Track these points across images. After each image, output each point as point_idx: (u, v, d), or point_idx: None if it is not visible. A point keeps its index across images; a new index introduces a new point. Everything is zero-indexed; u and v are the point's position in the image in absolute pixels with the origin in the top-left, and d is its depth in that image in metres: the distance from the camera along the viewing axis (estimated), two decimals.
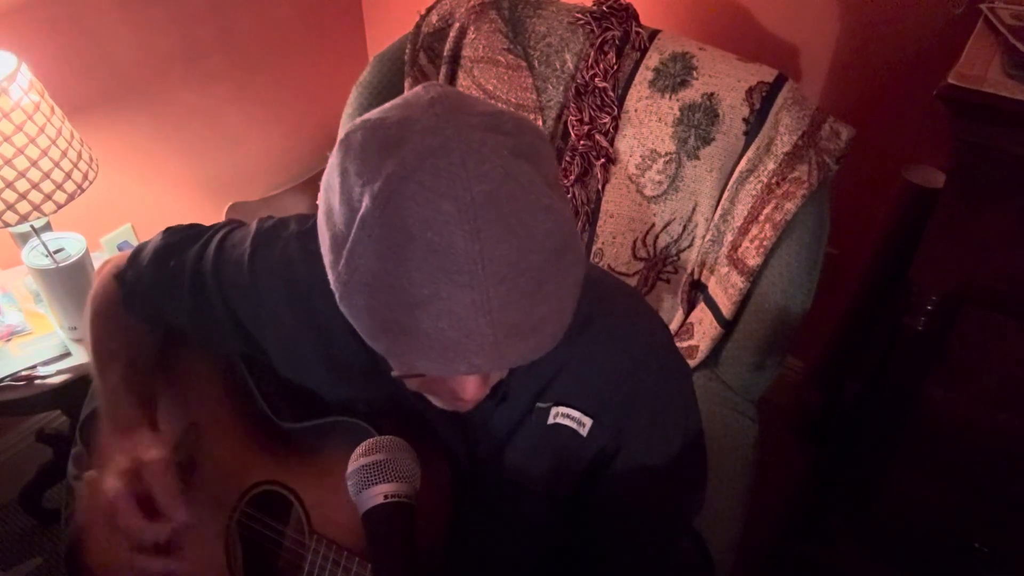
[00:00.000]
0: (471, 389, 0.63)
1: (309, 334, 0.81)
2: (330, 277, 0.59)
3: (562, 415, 0.78)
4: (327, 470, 0.81)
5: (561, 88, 1.39)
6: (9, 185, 1.20)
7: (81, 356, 1.40)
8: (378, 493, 0.69)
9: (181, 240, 0.89)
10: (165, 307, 0.89)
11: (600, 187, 1.38)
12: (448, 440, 0.80)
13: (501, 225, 0.52)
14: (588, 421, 0.77)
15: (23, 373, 1.36)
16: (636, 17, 1.37)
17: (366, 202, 0.53)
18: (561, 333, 0.59)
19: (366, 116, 0.59)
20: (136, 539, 0.76)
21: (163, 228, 0.92)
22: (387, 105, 0.59)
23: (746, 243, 1.24)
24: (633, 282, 1.42)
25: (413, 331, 0.54)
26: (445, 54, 1.46)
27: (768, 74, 1.24)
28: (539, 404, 0.78)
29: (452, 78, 1.47)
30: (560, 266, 0.56)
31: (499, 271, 0.52)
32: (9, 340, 1.42)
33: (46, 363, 1.38)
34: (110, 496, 0.76)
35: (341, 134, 0.59)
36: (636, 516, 0.82)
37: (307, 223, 0.83)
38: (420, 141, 0.53)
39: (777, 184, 1.21)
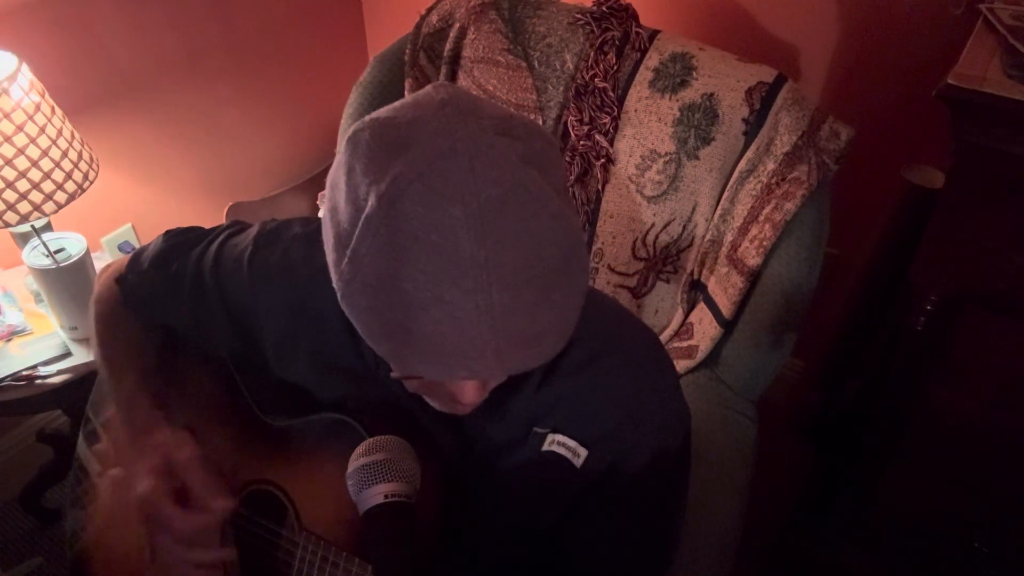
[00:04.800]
0: (470, 393, 0.63)
1: (305, 334, 0.81)
2: (332, 275, 0.58)
3: (558, 443, 0.77)
4: (315, 467, 0.81)
5: (561, 88, 1.39)
6: (10, 185, 1.20)
7: (81, 356, 1.40)
8: (378, 493, 0.69)
9: (182, 243, 0.89)
10: (165, 308, 0.89)
11: (600, 187, 1.38)
12: (440, 442, 0.79)
13: (508, 232, 0.52)
14: (584, 452, 0.76)
15: (24, 373, 1.36)
16: (636, 17, 1.37)
17: (372, 202, 0.52)
18: (563, 342, 0.58)
19: (375, 114, 0.58)
20: (178, 532, 0.77)
21: (164, 229, 0.93)
22: (396, 104, 0.58)
23: (746, 243, 1.24)
24: (633, 282, 1.42)
25: (414, 334, 0.53)
26: (445, 54, 1.46)
27: (768, 74, 1.24)
28: (536, 429, 0.77)
29: (452, 78, 1.47)
30: (566, 275, 0.55)
31: (504, 278, 0.52)
32: (9, 340, 1.42)
33: (46, 363, 1.38)
34: (145, 493, 0.77)
35: (342, 134, 0.59)
36: (613, 550, 0.81)
37: (311, 225, 0.83)
38: (429, 143, 0.53)
39: (777, 184, 1.21)
